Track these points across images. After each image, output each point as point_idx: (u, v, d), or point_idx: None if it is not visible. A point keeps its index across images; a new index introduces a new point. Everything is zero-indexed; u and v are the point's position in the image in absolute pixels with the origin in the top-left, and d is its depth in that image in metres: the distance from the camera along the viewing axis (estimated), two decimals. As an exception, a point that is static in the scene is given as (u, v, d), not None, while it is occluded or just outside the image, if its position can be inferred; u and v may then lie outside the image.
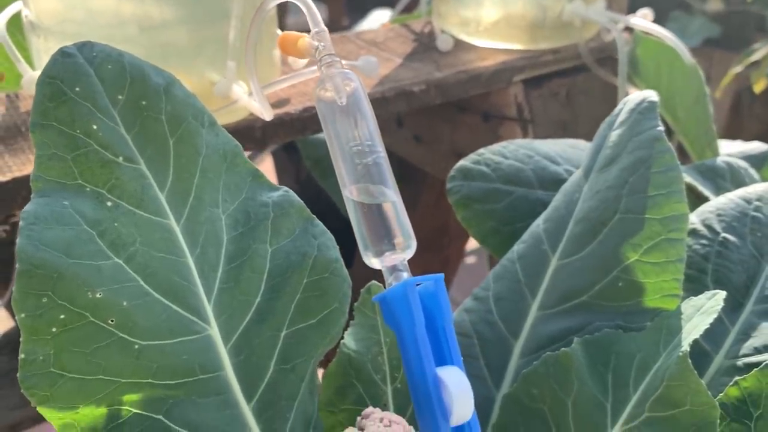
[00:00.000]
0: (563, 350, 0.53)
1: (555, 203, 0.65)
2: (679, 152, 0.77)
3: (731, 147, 0.91)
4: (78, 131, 0.43)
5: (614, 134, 0.63)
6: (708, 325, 0.49)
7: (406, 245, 0.45)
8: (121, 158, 0.44)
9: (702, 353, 0.59)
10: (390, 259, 0.45)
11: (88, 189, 0.43)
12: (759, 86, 1.33)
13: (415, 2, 1.26)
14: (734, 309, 0.60)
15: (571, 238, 0.61)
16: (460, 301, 0.64)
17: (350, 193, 0.46)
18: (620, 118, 0.64)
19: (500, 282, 0.63)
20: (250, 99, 0.71)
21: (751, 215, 0.64)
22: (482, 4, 0.96)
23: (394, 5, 1.24)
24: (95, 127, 0.44)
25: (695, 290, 0.58)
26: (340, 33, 1.05)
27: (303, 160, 1.22)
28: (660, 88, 0.91)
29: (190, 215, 0.46)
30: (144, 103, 0.45)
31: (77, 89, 0.43)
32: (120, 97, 0.45)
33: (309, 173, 1.22)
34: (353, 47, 0.99)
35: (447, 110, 1.02)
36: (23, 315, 0.40)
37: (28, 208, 0.41)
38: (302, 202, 0.50)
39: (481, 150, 0.76)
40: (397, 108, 0.87)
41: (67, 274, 0.41)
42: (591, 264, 0.59)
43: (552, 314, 0.60)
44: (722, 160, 0.80)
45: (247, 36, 0.66)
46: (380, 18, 1.48)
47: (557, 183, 0.72)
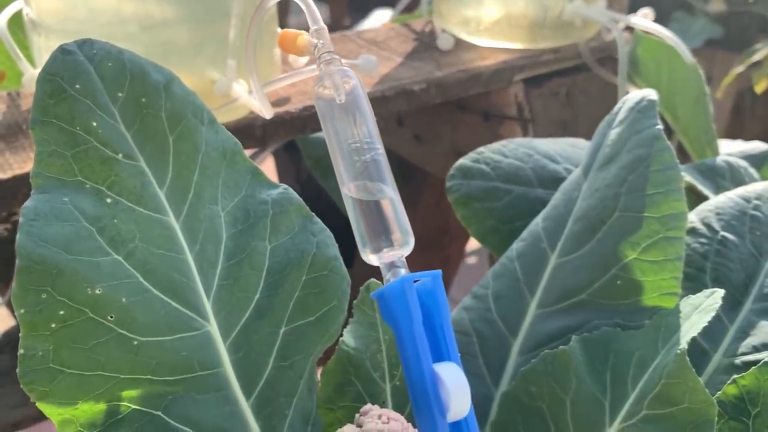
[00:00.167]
0: (562, 348, 0.53)
1: (554, 202, 0.65)
2: (679, 152, 0.77)
3: (731, 146, 0.90)
4: (78, 128, 0.43)
5: (613, 133, 0.63)
6: (706, 324, 0.49)
7: (404, 242, 0.45)
8: (121, 155, 0.44)
9: (700, 351, 0.59)
10: (388, 256, 0.45)
11: (88, 186, 0.43)
12: (761, 87, 1.32)
13: (416, 2, 1.26)
14: (733, 307, 0.60)
15: (570, 237, 0.61)
16: (461, 301, 0.65)
17: (348, 190, 0.46)
18: (619, 117, 0.64)
19: (499, 280, 0.63)
20: (251, 97, 0.71)
21: (750, 214, 0.64)
22: (483, 4, 0.96)
23: (396, 5, 1.24)
24: (95, 124, 0.44)
25: (694, 289, 0.58)
26: (341, 32, 1.05)
27: (304, 160, 1.22)
28: (660, 88, 0.91)
29: (190, 212, 0.46)
30: (144, 101, 0.45)
31: (77, 86, 0.44)
32: (120, 95, 0.45)
33: (310, 173, 1.22)
34: (354, 46, 0.99)
35: (447, 109, 1.02)
36: (23, 311, 0.40)
37: (28, 205, 0.41)
38: (301, 200, 0.50)
39: (481, 149, 0.76)
40: (398, 107, 0.87)
41: (67, 270, 0.41)
42: (590, 262, 0.59)
43: (551, 312, 0.60)
44: (722, 160, 0.80)
45: (248, 34, 0.66)
46: (381, 18, 1.48)
47: (556, 181, 0.72)
